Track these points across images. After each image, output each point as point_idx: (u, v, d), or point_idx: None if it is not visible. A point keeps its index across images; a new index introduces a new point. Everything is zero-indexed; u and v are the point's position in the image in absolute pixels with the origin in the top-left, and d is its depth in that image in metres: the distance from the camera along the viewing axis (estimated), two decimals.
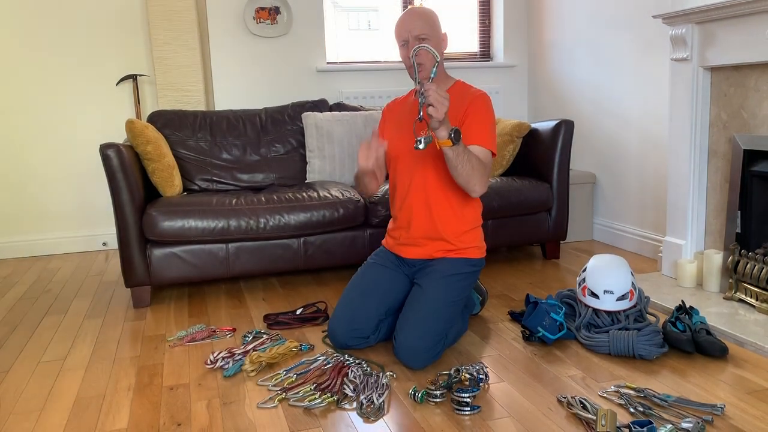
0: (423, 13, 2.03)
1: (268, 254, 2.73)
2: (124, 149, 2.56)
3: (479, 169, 1.90)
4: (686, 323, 2.05)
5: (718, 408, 1.63)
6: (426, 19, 2.01)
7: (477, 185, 1.92)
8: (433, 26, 2.02)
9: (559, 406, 1.70)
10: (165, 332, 2.35)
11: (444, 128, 1.76)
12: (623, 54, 3.32)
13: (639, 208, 3.31)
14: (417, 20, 2.00)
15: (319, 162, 3.25)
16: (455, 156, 1.83)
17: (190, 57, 3.59)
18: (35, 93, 3.58)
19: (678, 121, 2.70)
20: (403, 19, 2.04)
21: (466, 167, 1.86)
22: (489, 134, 2.02)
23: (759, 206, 2.45)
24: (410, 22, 2.01)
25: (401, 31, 2.03)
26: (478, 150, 1.97)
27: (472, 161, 1.87)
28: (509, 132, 3.18)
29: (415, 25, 2.00)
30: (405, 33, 2.02)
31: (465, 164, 1.85)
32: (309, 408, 1.72)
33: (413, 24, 2.00)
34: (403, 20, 2.03)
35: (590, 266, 2.24)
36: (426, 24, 2.00)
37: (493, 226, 3.01)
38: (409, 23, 2.01)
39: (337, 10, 4.11)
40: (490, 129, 2.03)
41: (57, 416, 1.73)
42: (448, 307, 2.00)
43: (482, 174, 1.91)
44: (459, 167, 1.86)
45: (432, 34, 2.00)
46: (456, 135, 1.78)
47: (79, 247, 3.76)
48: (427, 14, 2.03)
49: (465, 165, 1.86)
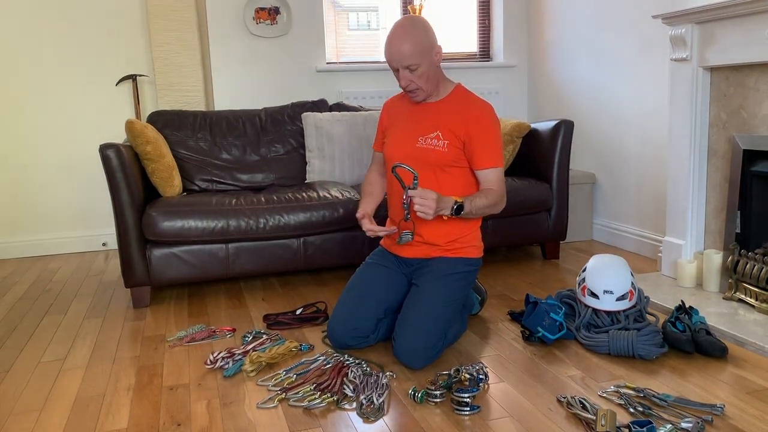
0: (410, 37, 1.91)
1: (268, 254, 2.73)
2: (123, 149, 2.56)
3: (491, 206, 2.03)
4: (686, 323, 2.05)
5: (717, 408, 1.63)
6: (413, 45, 1.91)
7: (495, 212, 2.10)
8: (422, 51, 1.93)
9: (558, 406, 1.70)
10: (165, 332, 2.35)
11: (443, 213, 1.91)
12: (623, 54, 3.32)
13: (638, 208, 3.31)
14: (404, 48, 1.91)
15: (318, 162, 3.25)
16: (466, 216, 1.98)
17: (190, 57, 3.60)
18: (35, 93, 3.58)
19: (678, 121, 2.70)
20: (389, 46, 1.95)
21: (479, 215, 2.04)
22: (496, 152, 2.05)
23: (759, 206, 2.45)
24: (398, 53, 1.92)
25: (391, 60, 1.96)
26: (489, 174, 2.06)
27: (479, 212, 2.01)
28: (509, 132, 3.18)
29: (403, 56, 1.92)
30: (393, 62, 1.95)
31: (476, 215, 2.03)
32: (309, 408, 1.72)
33: (401, 55, 1.92)
34: (390, 48, 1.94)
35: (590, 266, 2.24)
36: (414, 51, 1.91)
37: (492, 226, 3.01)
38: (396, 54, 1.93)
39: (336, 10, 4.11)
40: (496, 145, 2.06)
41: (57, 416, 1.73)
42: (446, 307, 2.00)
43: (495, 205, 2.05)
44: (473, 218, 2.08)
45: (422, 59, 1.93)
46: (456, 211, 1.92)
47: (78, 248, 3.76)
48: (413, 37, 1.92)
49: (477, 215, 2.03)
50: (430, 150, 2.04)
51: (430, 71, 1.98)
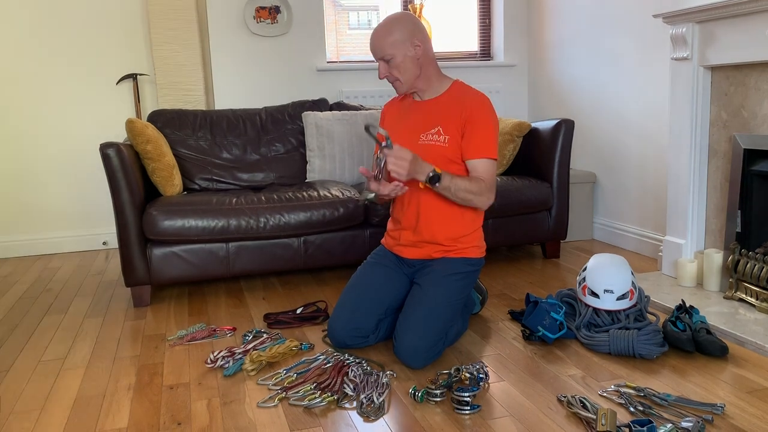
0: (386, 29, 2.01)
1: (268, 253, 2.73)
2: (124, 148, 2.56)
3: (474, 193, 1.97)
4: (686, 322, 2.05)
5: (718, 407, 1.63)
6: (387, 36, 2.00)
7: (479, 204, 2.01)
8: (395, 42, 2.00)
9: (559, 405, 1.70)
10: (165, 331, 2.36)
11: (418, 176, 1.87)
12: (624, 53, 3.32)
13: (639, 207, 3.31)
14: (379, 38, 2.02)
15: (319, 161, 3.25)
16: (443, 191, 1.95)
17: (191, 56, 3.59)
18: (35, 92, 3.58)
19: (678, 120, 2.70)
20: (370, 38, 2.06)
21: (459, 197, 1.97)
22: (489, 143, 2.02)
23: (759, 205, 2.45)
24: (373, 44, 2.04)
25: (371, 51, 2.06)
26: (478, 164, 2.02)
27: (460, 193, 1.95)
28: (509, 131, 3.18)
29: (377, 47, 2.03)
30: (373, 53, 2.06)
31: (455, 196, 1.96)
32: (309, 407, 1.72)
33: (374, 46, 2.04)
34: (371, 38, 2.06)
35: (590, 265, 2.24)
36: (387, 42, 2.00)
37: (493, 226, 3.01)
38: (373, 45, 2.04)
39: (337, 9, 4.11)
40: (490, 136, 2.03)
41: (57, 415, 1.73)
42: (447, 307, 2.00)
43: (480, 195, 1.98)
44: (451, 198, 1.99)
45: (396, 51, 2.00)
46: (432, 179, 1.88)
47: (79, 247, 3.76)
48: (389, 29, 2.01)
49: (456, 197, 1.96)
50: (432, 146, 2.04)
51: (406, 63, 2.02)
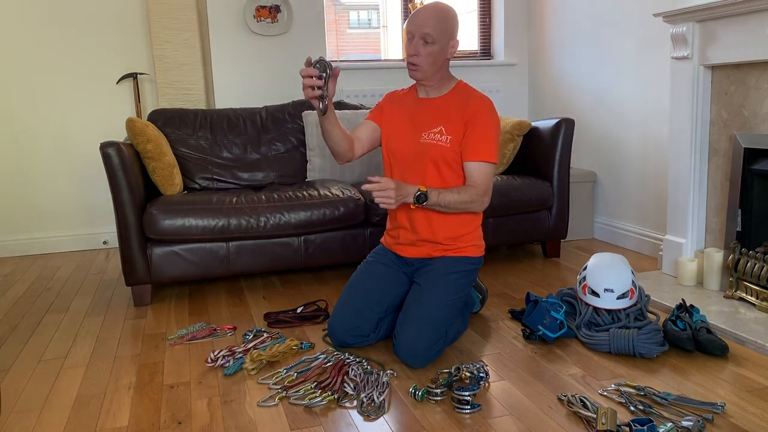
0: (439, 13, 1.97)
1: (269, 253, 2.73)
2: (124, 148, 2.56)
3: (466, 202, 1.99)
4: (687, 322, 2.05)
5: (718, 406, 1.63)
6: (439, 20, 1.96)
7: (474, 210, 2.05)
8: (444, 30, 1.97)
9: (559, 404, 1.70)
10: (165, 330, 2.36)
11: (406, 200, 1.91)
12: (624, 52, 3.32)
13: (639, 206, 3.31)
14: (431, 18, 1.95)
15: (319, 160, 3.25)
16: (433, 207, 1.97)
17: (191, 55, 3.59)
18: (36, 91, 3.58)
19: (679, 119, 2.70)
20: (418, 11, 1.99)
21: (451, 209, 1.99)
22: (488, 146, 2.01)
23: (759, 204, 2.45)
24: (422, 18, 1.96)
25: (411, 24, 1.98)
26: (474, 167, 2.01)
27: (453, 205, 1.98)
28: (510, 130, 3.18)
29: (426, 23, 1.95)
30: (413, 27, 1.98)
31: (447, 209, 1.99)
32: (309, 406, 1.72)
33: (425, 21, 1.95)
34: (417, 13, 1.98)
35: (591, 265, 2.24)
36: (438, 25, 1.95)
37: (493, 225, 3.01)
38: (420, 19, 1.96)
39: (337, 8, 4.10)
40: (490, 139, 2.02)
41: (58, 414, 1.73)
42: (447, 306, 2.00)
43: (472, 202, 2.00)
44: (444, 211, 2.02)
45: (438, 38, 1.96)
46: (419, 198, 1.92)
47: (79, 246, 3.76)
48: (442, 15, 1.97)
49: (448, 209, 1.99)
50: (433, 145, 2.04)
51: (439, 55, 1.99)
